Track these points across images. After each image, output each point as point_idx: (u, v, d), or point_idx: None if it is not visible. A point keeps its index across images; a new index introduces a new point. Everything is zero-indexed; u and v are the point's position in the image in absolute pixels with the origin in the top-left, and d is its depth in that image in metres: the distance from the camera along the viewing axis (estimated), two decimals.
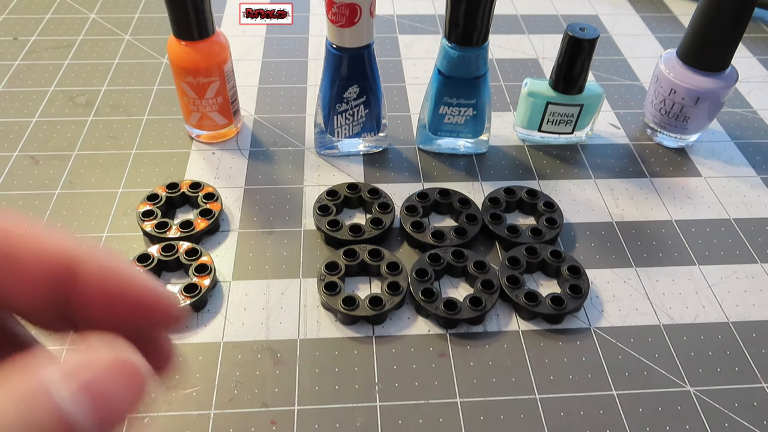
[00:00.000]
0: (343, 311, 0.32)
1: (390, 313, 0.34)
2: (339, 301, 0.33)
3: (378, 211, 0.38)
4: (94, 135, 0.45)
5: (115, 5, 0.61)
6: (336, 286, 0.33)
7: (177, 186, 0.39)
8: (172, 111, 0.48)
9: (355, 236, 0.36)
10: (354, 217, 0.40)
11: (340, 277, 0.34)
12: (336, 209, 0.39)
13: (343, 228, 0.37)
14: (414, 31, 0.59)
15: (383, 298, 0.33)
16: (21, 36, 0.56)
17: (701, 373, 0.32)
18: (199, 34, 0.39)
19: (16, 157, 0.43)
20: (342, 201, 0.39)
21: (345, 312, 0.32)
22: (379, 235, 0.37)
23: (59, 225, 0.38)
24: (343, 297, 0.33)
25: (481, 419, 0.30)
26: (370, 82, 0.40)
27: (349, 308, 0.33)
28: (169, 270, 0.35)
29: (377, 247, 0.36)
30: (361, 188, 0.40)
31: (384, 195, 0.39)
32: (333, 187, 0.40)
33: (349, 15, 0.36)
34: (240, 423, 0.29)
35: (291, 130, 0.46)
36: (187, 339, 0.32)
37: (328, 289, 0.33)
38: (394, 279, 0.34)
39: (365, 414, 0.30)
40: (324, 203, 0.38)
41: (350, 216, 0.40)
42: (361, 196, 0.39)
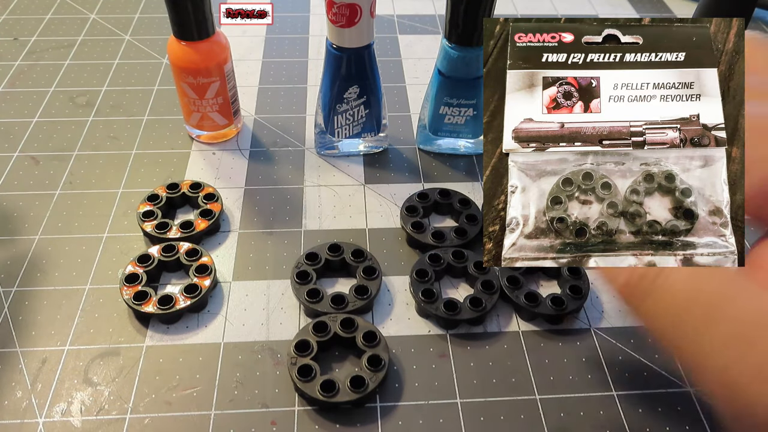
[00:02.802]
0: (322, 399, 0.29)
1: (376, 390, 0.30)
2: (316, 387, 0.29)
3: (363, 277, 0.34)
4: (95, 135, 0.45)
5: (115, 5, 0.61)
6: (311, 370, 0.30)
7: (177, 186, 0.39)
8: (173, 111, 0.48)
9: (337, 308, 0.33)
10: (336, 285, 0.36)
11: (313, 357, 0.30)
12: (316, 275, 0.35)
13: (324, 299, 0.33)
14: (414, 31, 0.59)
15: (365, 377, 0.30)
16: (21, 36, 0.56)
17: None
18: (199, 35, 0.39)
19: (16, 158, 0.43)
20: (323, 265, 0.35)
21: (324, 399, 0.29)
22: (363, 306, 0.33)
23: (59, 225, 0.38)
24: (320, 382, 0.29)
25: (481, 420, 0.30)
26: (371, 82, 0.40)
27: (329, 395, 0.29)
28: (170, 270, 0.36)
29: (350, 317, 0.32)
30: (344, 249, 0.36)
31: (370, 257, 0.35)
32: (313, 249, 0.36)
33: (349, 15, 0.36)
34: (240, 423, 0.29)
35: (291, 130, 0.46)
36: (187, 339, 0.33)
37: (302, 375, 0.29)
38: (374, 352, 0.31)
39: (365, 414, 0.30)
40: (303, 269, 0.34)
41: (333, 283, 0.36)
42: (344, 259, 0.35)
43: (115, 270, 0.36)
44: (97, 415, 0.29)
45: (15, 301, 0.34)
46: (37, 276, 0.35)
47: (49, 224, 0.38)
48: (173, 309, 0.32)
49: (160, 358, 0.32)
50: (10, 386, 0.30)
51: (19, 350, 0.32)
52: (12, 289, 0.35)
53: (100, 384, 0.30)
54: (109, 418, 0.29)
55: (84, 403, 0.30)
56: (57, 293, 0.34)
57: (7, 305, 0.34)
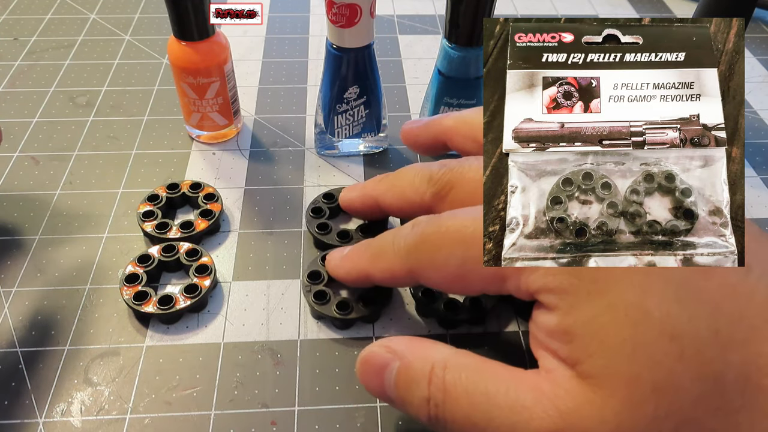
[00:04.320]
0: (339, 316, 0.32)
1: (385, 310, 0.34)
2: (332, 307, 0.32)
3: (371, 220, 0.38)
4: (95, 135, 0.45)
5: (115, 5, 0.61)
6: (325, 294, 0.33)
7: (177, 186, 0.39)
8: (173, 111, 0.48)
9: (341, 242, 0.36)
10: (350, 223, 0.39)
11: (325, 284, 0.34)
12: (330, 212, 0.38)
13: (332, 233, 0.37)
14: (414, 31, 0.59)
15: (373, 295, 0.33)
16: (21, 36, 0.56)
17: None
18: (199, 35, 0.39)
19: (16, 158, 0.43)
20: (338, 206, 0.39)
21: (341, 317, 0.32)
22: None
23: (59, 225, 0.38)
24: (335, 303, 0.33)
25: None
26: (371, 83, 0.40)
27: (344, 312, 0.32)
28: (170, 270, 0.36)
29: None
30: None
31: None
32: (331, 190, 0.39)
33: (349, 15, 0.36)
34: (240, 423, 0.29)
35: (291, 130, 0.46)
36: (187, 339, 0.33)
37: (318, 299, 0.33)
38: None
39: (365, 414, 0.30)
40: (318, 205, 0.38)
41: (348, 221, 0.39)
42: None
43: (115, 270, 0.36)
44: (97, 415, 0.29)
45: (15, 301, 0.34)
46: (37, 276, 0.35)
47: (49, 224, 0.38)
48: (173, 309, 0.32)
49: (160, 358, 0.32)
50: (10, 386, 0.30)
51: (19, 350, 0.32)
52: (12, 289, 0.35)
53: (100, 384, 0.30)
54: (109, 418, 0.29)
55: (84, 403, 0.30)
56: (57, 293, 0.34)
57: (7, 305, 0.34)
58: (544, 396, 0.21)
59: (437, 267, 0.26)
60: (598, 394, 0.20)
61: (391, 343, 0.26)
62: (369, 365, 0.26)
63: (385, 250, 0.28)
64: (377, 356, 0.26)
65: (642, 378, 0.20)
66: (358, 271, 0.30)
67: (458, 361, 0.24)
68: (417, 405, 0.24)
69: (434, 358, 0.24)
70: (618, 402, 0.20)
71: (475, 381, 0.23)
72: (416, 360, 0.24)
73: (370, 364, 0.26)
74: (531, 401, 0.21)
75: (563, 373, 0.22)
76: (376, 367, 0.25)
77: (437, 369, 0.24)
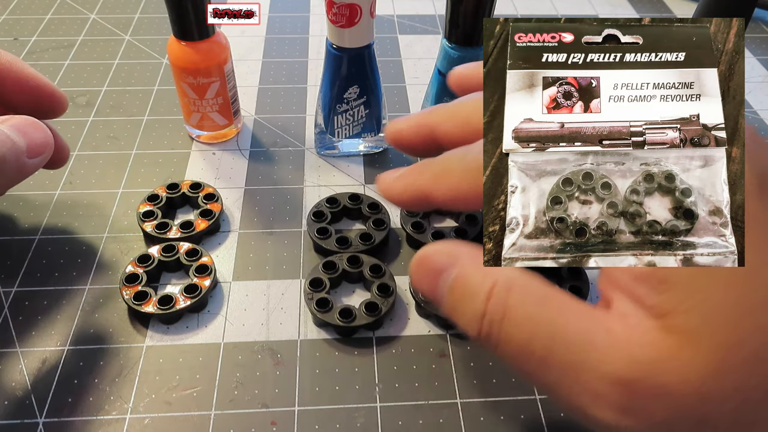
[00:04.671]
0: (342, 324, 0.32)
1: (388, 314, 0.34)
2: (335, 315, 0.32)
3: (372, 228, 0.37)
4: (95, 135, 0.45)
5: (115, 5, 0.61)
6: (328, 302, 0.33)
7: (177, 186, 0.39)
8: (173, 111, 0.48)
9: (340, 248, 0.36)
10: (352, 228, 0.39)
11: (326, 292, 0.34)
12: (332, 217, 0.38)
13: (332, 237, 0.36)
14: (414, 31, 0.59)
15: (377, 302, 0.33)
16: (21, 36, 0.56)
17: None
18: (199, 35, 0.39)
19: None
20: (341, 210, 0.39)
21: (344, 324, 0.32)
22: (365, 250, 0.36)
23: (59, 225, 0.38)
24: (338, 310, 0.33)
25: (481, 420, 0.30)
26: (371, 83, 0.40)
27: (347, 320, 0.32)
28: (170, 270, 0.36)
29: (355, 254, 0.35)
30: (363, 200, 0.39)
31: (384, 211, 0.38)
32: (335, 194, 0.39)
33: (349, 15, 0.36)
34: (240, 423, 0.29)
35: (291, 130, 0.46)
36: (187, 339, 0.33)
37: (320, 306, 0.33)
38: (382, 281, 0.34)
39: (365, 415, 0.30)
40: (320, 209, 0.38)
41: (351, 225, 0.39)
42: (361, 209, 0.39)
43: (115, 270, 0.36)
44: (97, 415, 0.29)
45: (15, 301, 0.34)
46: (37, 276, 0.35)
47: (49, 224, 0.38)
48: (173, 309, 0.32)
49: (160, 358, 0.32)
50: (10, 386, 0.30)
51: (19, 350, 0.32)
52: (12, 289, 0.35)
53: (100, 384, 0.30)
54: (109, 418, 0.29)
55: (84, 403, 0.30)
56: (57, 293, 0.34)
57: (7, 305, 0.34)
58: (618, 340, 0.20)
59: None
60: (686, 352, 0.19)
61: (455, 248, 0.23)
62: (425, 266, 0.24)
63: (452, 167, 0.25)
64: (436, 258, 0.23)
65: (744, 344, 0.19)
66: (416, 189, 0.26)
67: (525, 282, 0.22)
68: (469, 317, 0.22)
69: (498, 275, 0.22)
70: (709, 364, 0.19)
71: (542, 308, 0.21)
72: (477, 273, 0.22)
73: (426, 265, 0.24)
74: (603, 343, 0.20)
75: (644, 321, 0.20)
76: (432, 269, 0.23)
77: (499, 288, 0.22)
